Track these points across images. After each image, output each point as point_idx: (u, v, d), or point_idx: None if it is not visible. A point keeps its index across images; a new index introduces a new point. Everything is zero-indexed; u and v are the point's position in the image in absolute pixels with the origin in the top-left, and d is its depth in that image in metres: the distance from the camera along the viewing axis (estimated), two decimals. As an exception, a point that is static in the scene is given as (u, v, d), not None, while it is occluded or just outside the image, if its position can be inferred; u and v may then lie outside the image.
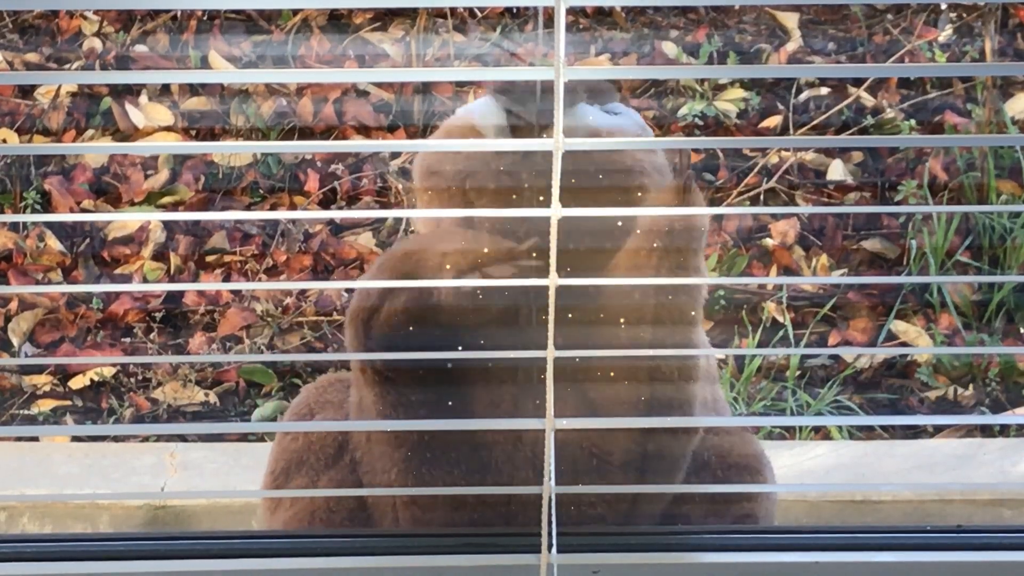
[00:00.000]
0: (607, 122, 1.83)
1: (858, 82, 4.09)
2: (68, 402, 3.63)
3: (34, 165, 4.03)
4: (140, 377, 3.66)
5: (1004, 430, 3.40)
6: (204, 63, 4.13)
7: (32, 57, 4.19)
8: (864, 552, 1.59)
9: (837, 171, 3.99)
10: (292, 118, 4.06)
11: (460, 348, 1.74)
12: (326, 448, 1.91)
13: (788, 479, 3.19)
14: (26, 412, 3.60)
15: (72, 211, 3.94)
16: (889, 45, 4.17)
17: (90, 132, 4.08)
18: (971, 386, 3.60)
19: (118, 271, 3.89)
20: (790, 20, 4.25)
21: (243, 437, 3.47)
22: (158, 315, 3.76)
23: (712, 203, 3.93)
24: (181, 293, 3.77)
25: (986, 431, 3.38)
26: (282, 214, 4.24)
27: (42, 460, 3.31)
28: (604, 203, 1.75)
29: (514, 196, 1.76)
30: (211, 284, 3.24)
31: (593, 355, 1.73)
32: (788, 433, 3.42)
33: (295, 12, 4.19)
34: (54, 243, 3.92)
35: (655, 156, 1.82)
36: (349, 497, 1.87)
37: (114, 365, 3.64)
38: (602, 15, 4.21)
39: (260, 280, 3.80)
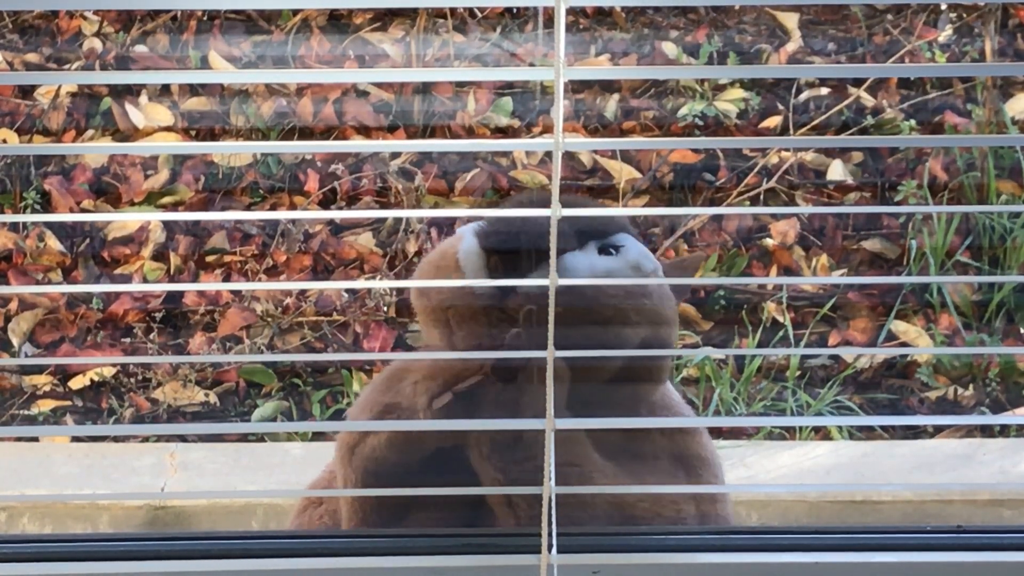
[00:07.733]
0: (600, 265, 1.81)
1: (858, 82, 4.09)
2: (68, 402, 3.63)
3: (34, 165, 4.03)
4: (140, 377, 3.67)
5: (1004, 430, 3.40)
6: (204, 63, 4.12)
7: (32, 57, 4.19)
8: (864, 552, 1.59)
9: (837, 171, 3.99)
10: (292, 118, 4.06)
11: (442, 474, 1.78)
12: None
13: (788, 479, 3.19)
14: (26, 412, 3.60)
15: (72, 211, 3.94)
16: (889, 45, 4.17)
17: (90, 132, 4.07)
18: (971, 386, 3.60)
19: (118, 271, 3.89)
20: (790, 20, 4.25)
21: (243, 437, 3.47)
22: (158, 315, 3.76)
23: (712, 203, 3.93)
24: (181, 293, 3.77)
25: (986, 431, 3.38)
26: (282, 214, 4.24)
27: (42, 460, 3.31)
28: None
29: (490, 322, 1.79)
30: (211, 284, 3.25)
31: (593, 355, 1.73)
32: (788, 433, 3.42)
33: (295, 12, 4.19)
34: (54, 243, 3.92)
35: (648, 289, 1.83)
36: None
37: (114, 365, 3.64)
38: (602, 15, 4.21)
39: (260, 280, 3.80)
